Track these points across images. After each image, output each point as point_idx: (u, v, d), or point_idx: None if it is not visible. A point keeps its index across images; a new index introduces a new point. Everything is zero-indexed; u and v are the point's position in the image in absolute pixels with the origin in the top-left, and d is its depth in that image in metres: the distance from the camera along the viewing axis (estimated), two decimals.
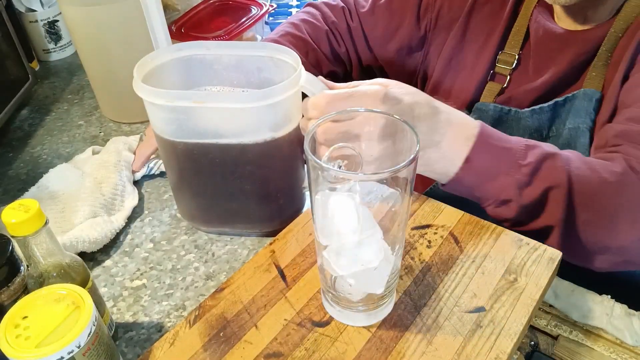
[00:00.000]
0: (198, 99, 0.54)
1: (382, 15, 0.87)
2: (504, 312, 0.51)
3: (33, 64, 1.04)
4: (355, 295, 0.49)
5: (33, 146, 0.85)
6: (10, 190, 0.76)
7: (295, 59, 0.59)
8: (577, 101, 0.70)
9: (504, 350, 0.48)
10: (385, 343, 0.49)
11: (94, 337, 0.42)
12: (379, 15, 0.87)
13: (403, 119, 0.45)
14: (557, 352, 0.61)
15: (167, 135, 0.58)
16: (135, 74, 0.57)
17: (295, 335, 0.50)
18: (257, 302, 0.53)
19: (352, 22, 0.88)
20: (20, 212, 0.44)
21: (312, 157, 0.42)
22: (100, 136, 0.86)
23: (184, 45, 0.63)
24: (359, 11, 0.88)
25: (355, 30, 0.88)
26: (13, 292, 0.48)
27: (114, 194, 0.70)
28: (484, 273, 0.55)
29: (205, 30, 1.00)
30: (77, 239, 0.61)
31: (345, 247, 0.46)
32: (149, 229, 0.68)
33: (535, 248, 0.57)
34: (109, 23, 0.78)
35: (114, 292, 0.60)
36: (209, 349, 0.49)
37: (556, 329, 0.62)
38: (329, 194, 0.45)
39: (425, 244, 0.58)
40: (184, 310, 0.58)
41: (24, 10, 1.04)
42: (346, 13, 0.89)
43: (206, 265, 0.63)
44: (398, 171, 0.41)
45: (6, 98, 0.86)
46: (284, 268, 0.57)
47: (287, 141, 0.59)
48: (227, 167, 0.59)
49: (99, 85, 0.89)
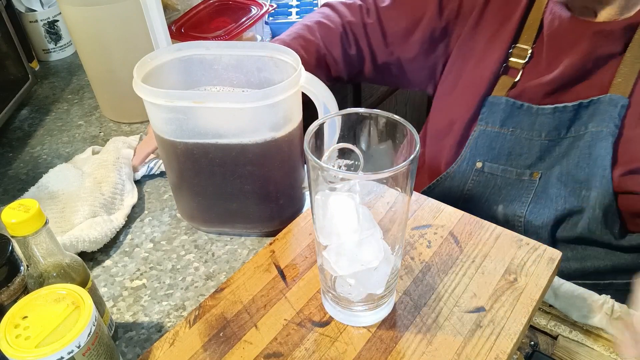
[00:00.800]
0: (198, 99, 0.54)
1: (403, 8, 0.84)
2: (503, 312, 0.51)
3: (33, 64, 1.04)
4: (355, 295, 0.49)
5: (33, 146, 0.85)
6: (10, 190, 0.76)
7: (295, 59, 0.59)
8: (602, 105, 0.69)
9: (504, 350, 0.48)
10: (385, 343, 0.49)
11: (93, 337, 0.42)
12: (400, 9, 0.84)
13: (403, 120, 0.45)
14: (557, 352, 0.61)
15: (167, 135, 0.58)
16: (135, 74, 0.57)
17: (295, 335, 0.50)
18: (257, 302, 0.53)
19: (368, 19, 0.86)
20: (20, 212, 0.44)
21: (312, 157, 0.42)
22: (100, 136, 0.86)
23: (184, 45, 0.63)
24: (379, 6, 0.86)
25: (371, 27, 0.86)
26: (13, 292, 0.48)
27: (114, 193, 0.70)
28: (484, 273, 0.55)
29: (205, 30, 1.00)
30: (77, 239, 0.61)
31: (345, 247, 0.46)
32: (149, 228, 0.68)
33: (535, 248, 0.57)
34: (109, 23, 0.78)
35: (114, 292, 0.60)
36: (209, 349, 0.49)
37: (556, 328, 0.62)
38: (329, 194, 0.45)
39: (425, 244, 0.58)
40: (184, 310, 0.58)
41: (24, 10, 1.04)
42: (363, 10, 0.87)
43: (206, 265, 0.63)
44: (398, 171, 0.41)
45: (6, 98, 0.86)
46: (284, 268, 0.57)
47: (287, 141, 0.59)
48: (227, 167, 0.59)
49: (98, 85, 0.89)
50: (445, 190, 0.81)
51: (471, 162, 0.78)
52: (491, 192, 0.77)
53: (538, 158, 0.74)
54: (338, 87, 1.20)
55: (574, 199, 0.71)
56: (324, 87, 0.58)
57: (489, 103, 0.76)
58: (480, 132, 0.76)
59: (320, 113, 0.60)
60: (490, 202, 0.77)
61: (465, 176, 0.79)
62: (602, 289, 0.71)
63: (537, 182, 0.74)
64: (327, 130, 0.49)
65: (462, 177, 0.79)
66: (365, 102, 1.33)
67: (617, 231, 0.69)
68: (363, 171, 0.50)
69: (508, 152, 0.75)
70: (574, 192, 0.71)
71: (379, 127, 0.50)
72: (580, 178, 0.71)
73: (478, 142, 0.77)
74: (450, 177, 0.80)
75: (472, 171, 0.78)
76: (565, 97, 0.72)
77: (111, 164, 0.73)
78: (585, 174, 0.70)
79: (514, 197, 0.75)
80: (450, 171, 0.80)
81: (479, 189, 0.78)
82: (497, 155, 0.76)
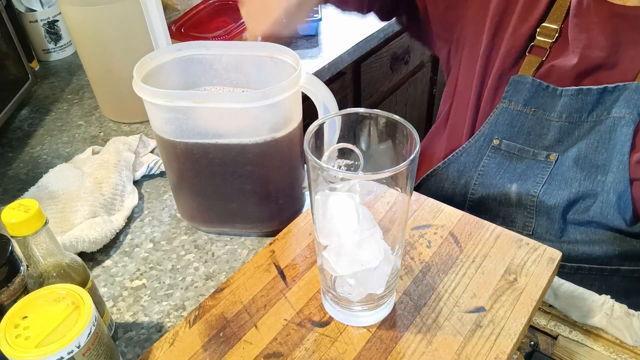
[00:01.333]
0: (198, 99, 0.54)
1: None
2: (503, 312, 0.51)
3: (33, 64, 1.04)
4: (355, 295, 0.49)
5: (33, 146, 0.85)
6: (10, 190, 0.76)
7: (295, 59, 0.59)
8: (628, 92, 0.68)
9: (504, 350, 0.48)
10: (385, 343, 0.49)
11: (93, 337, 0.42)
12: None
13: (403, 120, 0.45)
14: (556, 352, 0.61)
15: (167, 135, 0.58)
16: (135, 74, 0.57)
17: (295, 335, 0.50)
18: (257, 302, 0.53)
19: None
20: (20, 212, 0.44)
21: (312, 157, 0.42)
22: (100, 136, 0.86)
23: (184, 45, 0.63)
24: None
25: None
26: (13, 292, 0.48)
27: (114, 193, 0.70)
28: (484, 273, 0.55)
29: (205, 30, 1.00)
30: (76, 239, 0.61)
31: (345, 247, 0.46)
32: (149, 229, 0.68)
33: (535, 248, 0.57)
34: (109, 23, 0.78)
35: (113, 292, 0.60)
36: (209, 349, 0.49)
37: (556, 328, 0.62)
38: (329, 194, 0.45)
39: (425, 244, 0.58)
40: (184, 310, 0.58)
41: (24, 10, 1.04)
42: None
43: (206, 265, 0.63)
44: (398, 171, 0.41)
45: (6, 98, 0.86)
46: (284, 268, 0.57)
47: (287, 141, 0.59)
48: (227, 167, 0.59)
49: (98, 85, 0.89)
50: (460, 165, 0.81)
51: (489, 138, 0.78)
52: (506, 170, 0.77)
53: (556, 140, 0.74)
54: (338, 87, 1.20)
55: (589, 182, 0.71)
56: (324, 87, 0.58)
57: (514, 82, 0.75)
58: (503, 109, 0.76)
59: (320, 113, 0.60)
60: (505, 179, 0.77)
61: (481, 152, 0.79)
62: (608, 274, 0.71)
63: (553, 164, 0.74)
64: (327, 130, 0.49)
65: (478, 153, 0.79)
66: (365, 102, 1.33)
67: (629, 217, 0.69)
68: (363, 171, 0.50)
69: (527, 131, 0.75)
70: (589, 176, 0.71)
71: (379, 127, 0.50)
72: (597, 162, 0.70)
73: (499, 119, 0.77)
74: (466, 152, 0.80)
75: (489, 148, 0.78)
76: (590, 81, 0.72)
77: (112, 165, 0.73)
78: (603, 159, 0.70)
79: (528, 176, 0.75)
80: (466, 146, 0.80)
81: (493, 166, 0.78)
82: (517, 134, 0.76)
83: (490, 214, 0.78)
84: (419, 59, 1.48)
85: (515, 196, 0.76)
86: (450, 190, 0.82)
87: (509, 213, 0.77)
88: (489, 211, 0.78)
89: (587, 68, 0.71)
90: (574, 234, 0.72)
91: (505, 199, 0.76)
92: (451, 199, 0.82)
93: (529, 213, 0.75)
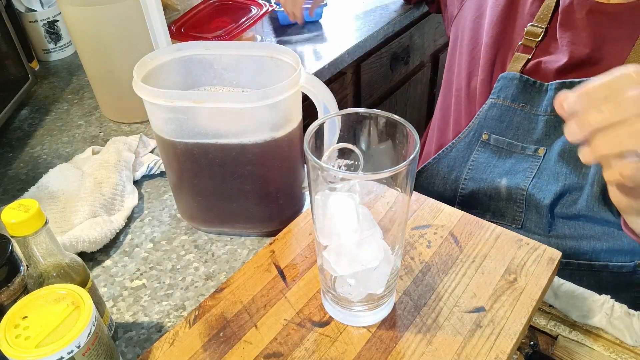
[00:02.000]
0: (198, 99, 0.54)
1: None
2: (503, 312, 0.51)
3: (33, 64, 1.04)
4: (355, 295, 0.49)
5: (33, 146, 0.85)
6: (10, 190, 0.76)
7: (295, 59, 0.59)
8: None
9: (504, 350, 0.48)
10: (385, 343, 0.49)
11: (93, 337, 0.42)
12: None
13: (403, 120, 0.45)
14: (556, 352, 0.61)
15: (167, 135, 0.58)
16: (135, 74, 0.57)
17: (295, 335, 0.50)
18: (256, 302, 0.53)
19: None
20: (20, 212, 0.44)
21: (312, 157, 0.42)
22: (100, 136, 0.86)
23: (184, 45, 0.63)
24: None
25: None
26: (13, 292, 0.48)
27: (114, 194, 0.70)
28: (484, 273, 0.55)
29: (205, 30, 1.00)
30: (76, 239, 0.61)
31: (345, 247, 0.46)
32: (149, 229, 0.68)
33: (535, 248, 0.57)
34: (109, 23, 0.78)
35: (113, 292, 0.60)
36: (209, 349, 0.49)
37: (556, 328, 0.62)
38: (329, 194, 0.45)
39: (425, 244, 0.58)
40: (184, 310, 0.58)
41: (24, 10, 1.04)
42: None
43: (206, 265, 0.63)
44: (398, 171, 0.41)
45: (6, 98, 0.86)
46: (284, 268, 0.57)
47: (287, 141, 0.59)
48: (227, 167, 0.59)
49: (98, 85, 0.89)
50: (450, 160, 0.82)
51: (478, 133, 0.79)
52: (496, 165, 0.79)
53: (544, 134, 0.75)
54: (338, 87, 1.20)
55: (574, 175, 0.72)
56: (324, 87, 0.58)
57: (503, 78, 0.77)
58: (491, 105, 0.78)
59: (320, 113, 0.60)
60: (494, 174, 0.78)
61: (470, 147, 0.80)
62: (596, 270, 0.72)
63: (541, 158, 0.75)
64: (327, 130, 0.49)
65: (467, 148, 0.81)
66: (365, 102, 1.33)
67: (615, 209, 0.70)
68: (363, 171, 0.50)
69: (516, 126, 0.77)
70: (575, 169, 0.72)
71: (379, 127, 0.50)
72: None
73: (488, 115, 0.78)
74: (456, 147, 0.82)
75: (478, 142, 0.79)
76: (575, 76, 0.73)
77: (112, 165, 0.73)
78: None
79: (517, 171, 0.77)
80: (456, 141, 0.82)
81: (483, 161, 0.79)
82: (505, 128, 0.77)
83: (480, 208, 0.80)
84: (419, 59, 1.48)
85: (505, 190, 0.77)
86: (441, 185, 0.84)
87: (499, 207, 0.78)
88: (479, 205, 0.80)
89: (572, 64, 0.73)
90: (562, 229, 0.73)
91: (495, 194, 0.77)
92: (442, 194, 0.83)
93: (518, 207, 0.76)
